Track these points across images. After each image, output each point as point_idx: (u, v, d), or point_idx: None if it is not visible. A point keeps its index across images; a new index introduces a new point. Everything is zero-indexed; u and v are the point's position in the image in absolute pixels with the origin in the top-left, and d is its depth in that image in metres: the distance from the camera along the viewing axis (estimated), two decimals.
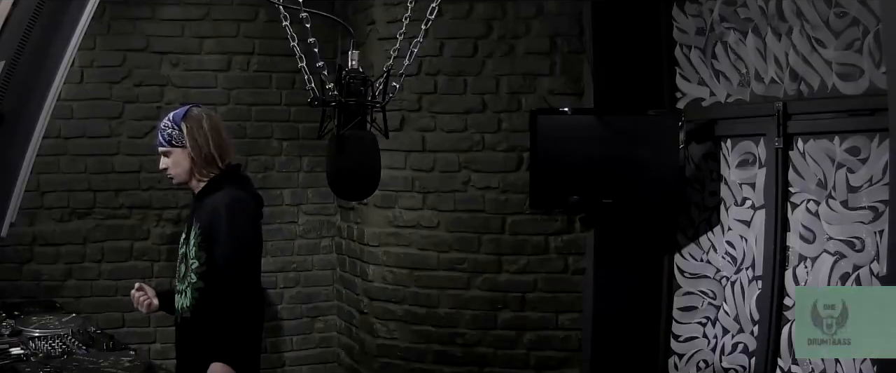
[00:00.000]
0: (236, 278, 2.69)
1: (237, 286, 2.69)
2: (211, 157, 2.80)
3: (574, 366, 4.13)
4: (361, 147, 2.41)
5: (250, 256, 2.76)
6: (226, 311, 2.67)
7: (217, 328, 2.68)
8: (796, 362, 3.32)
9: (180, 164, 2.84)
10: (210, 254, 2.73)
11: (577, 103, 4.08)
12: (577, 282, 4.12)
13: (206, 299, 2.74)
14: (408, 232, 4.29)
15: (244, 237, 2.74)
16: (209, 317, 2.72)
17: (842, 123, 3.15)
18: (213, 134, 2.82)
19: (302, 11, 2.40)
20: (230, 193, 2.77)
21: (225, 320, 2.67)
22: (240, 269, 2.71)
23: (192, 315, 2.77)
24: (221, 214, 2.72)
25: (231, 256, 2.70)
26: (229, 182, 2.82)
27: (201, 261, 2.74)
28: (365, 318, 4.48)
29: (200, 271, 2.74)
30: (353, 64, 2.43)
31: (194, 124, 2.81)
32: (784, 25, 3.38)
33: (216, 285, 2.72)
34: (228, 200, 2.75)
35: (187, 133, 2.80)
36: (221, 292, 2.70)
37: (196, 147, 2.80)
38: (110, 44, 4.42)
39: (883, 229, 2.96)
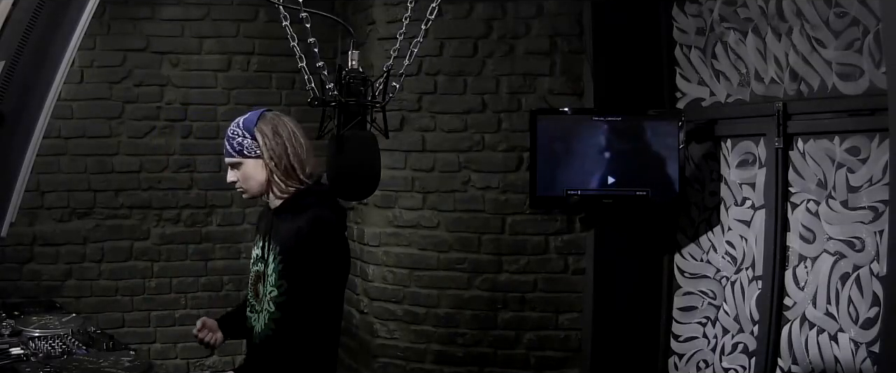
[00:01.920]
0: (319, 311, 2.47)
1: (318, 318, 2.47)
2: (291, 168, 2.51)
3: (574, 366, 4.14)
4: (361, 147, 2.40)
5: (335, 287, 2.52)
6: (303, 342, 2.46)
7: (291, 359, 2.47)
8: (796, 361, 3.32)
9: (253, 176, 2.53)
10: (291, 283, 2.44)
11: (577, 103, 4.08)
12: (577, 282, 4.12)
13: (283, 329, 2.47)
14: (408, 232, 4.29)
15: (331, 268, 2.47)
16: (283, 347, 2.48)
17: (842, 123, 3.14)
18: (292, 141, 2.52)
19: (302, 11, 2.39)
20: (316, 213, 2.46)
21: (300, 353, 2.47)
22: (323, 301, 2.48)
23: (266, 340, 2.52)
24: (308, 240, 2.42)
25: (314, 290, 2.45)
26: (313, 200, 2.52)
27: (281, 290, 2.46)
28: (365, 318, 4.48)
29: (279, 301, 2.46)
30: (353, 64, 2.42)
31: (270, 131, 2.51)
32: (784, 25, 3.37)
33: (295, 315, 2.46)
34: (315, 223, 2.44)
35: (263, 142, 2.50)
36: (300, 323, 2.46)
37: (274, 158, 2.50)
38: (110, 44, 4.42)
39: (883, 229, 2.96)
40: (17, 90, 3.00)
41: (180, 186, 4.57)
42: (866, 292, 3.02)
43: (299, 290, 2.45)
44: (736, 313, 3.67)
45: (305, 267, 2.43)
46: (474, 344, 4.21)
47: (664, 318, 4.04)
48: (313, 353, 2.52)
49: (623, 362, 4.06)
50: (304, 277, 2.44)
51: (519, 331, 4.17)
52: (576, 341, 4.14)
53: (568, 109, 4.00)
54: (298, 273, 2.44)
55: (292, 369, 2.51)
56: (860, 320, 3.05)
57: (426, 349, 4.27)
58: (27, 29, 2.94)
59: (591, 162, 3.85)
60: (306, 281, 2.44)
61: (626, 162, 3.84)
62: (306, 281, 2.44)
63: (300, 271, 2.44)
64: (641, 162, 3.83)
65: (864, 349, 3.03)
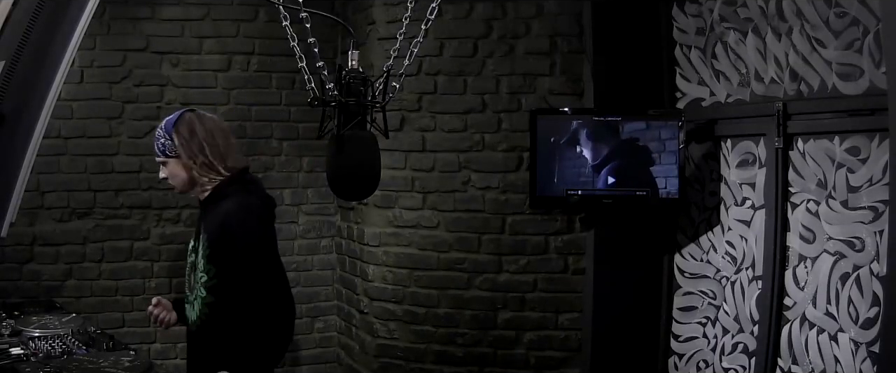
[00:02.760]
0: (247, 291, 2.58)
1: (248, 298, 2.58)
2: (209, 164, 2.67)
3: (574, 366, 4.14)
4: (361, 147, 2.40)
5: (262, 268, 2.63)
6: (238, 325, 2.57)
7: (229, 343, 2.58)
8: (796, 361, 3.32)
9: (177, 174, 2.71)
10: (220, 267, 2.59)
11: (577, 103, 4.08)
12: (577, 282, 4.12)
13: (217, 313, 2.61)
14: (408, 232, 4.29)
15: (254, 249, 2.60)
16: (219, 331, 2.60)
17: (842, 123, 3.15)
18: (208, 139, 2.67)
19: (302, 11, 2.39)
20: (237, 200, 2.63)
21: (237, 335, 2.57)
22: (251, 281, 2.59)
23: (202, 328, 2.65)
24: (229, 224, 2.58)
25: (241, 270, 2.58)
26: (236, 188, 2.67)
27: (210, 274, 2.61)
28: (365, 318, 4.48)
29: (210, 285, 2.61)
30: (353, 64, 2.42)
31: (186, 132, 2.67)
32: (784, 25, 3.37)
33: (227, 298, 2.59)
34: (235, 208, 2.60)
35: (179, 142, 2.67)
36: (233, 305, 2.58)
37: (191, 156, 2.66)
38: (110, 44, 4.42)
39: (883, 229, 2.96)
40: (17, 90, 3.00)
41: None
42: (866, 291, 3.02)
43: (228, 273, 2.58)
44: (736, 313, 3.67)
45: (231, 250, 2.57)
46: (474, 344, 4.21)
47: (664, 318, 4.05)
48: (250, 334, 2.61)
49: (623, 362, 4.07)
50: (231, 260, 2.57)
51: (519, 331, 4.17)
52: (576, 341, 4.14)
53: (568, 109, 4.00)
54: (225, 257, 2.58)
55: (230, 351, 2.60)
56: (860, 320, 3.05)
57: (426, 349, 4.27)
58: (27, 29, 2.94)
59: (591, 162, 3.86)
60: (233, 264, 2.57)
61: (626, 162, 3.84)
62: (233, 264, 2.57)
63: (226, 255, 2.57)
64: (641, 162, 3.83)
65: (864, 349, 3.03)
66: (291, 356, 4.82)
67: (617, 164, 3.84)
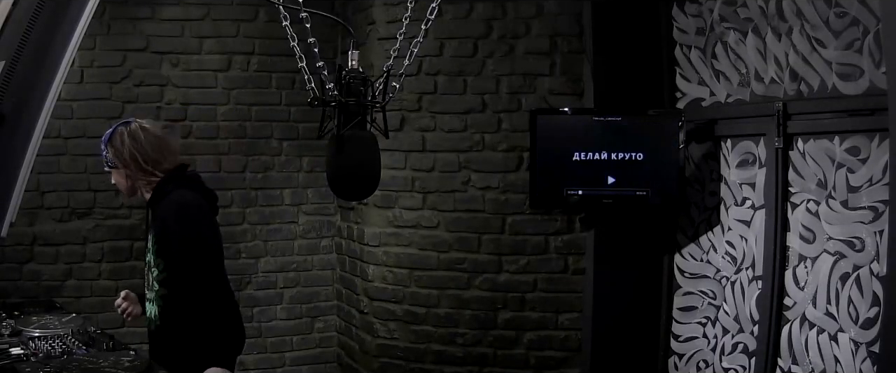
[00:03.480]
0: (195, 280, 2.69)
1: (198, 287, 2.68)
2: (144, 169, 2.82)
3: (574, 366, 4.14)
4: (361, 147, 2.40)
5: (205, 254, 2.74)
6: (192, 315, 2.67)
7: (187, 334, 2.68)
8: (796, 361, 3.32)
9: (120, 182, 2.90)
10: (168, 260, 2.73)
11: (577, 103, 4.08)
12: (577, 282, 4.12)
13: (172, 306, 2.75)
14: (408, 232, 4.29)
15: (195, 237, 2.73)
16: (178, 323, 2.73)
17: (842, 123, 3.15)
18: (137, 148, 2.82)
19: (302, 11, 2.40)
20: (176, 195, 2.77)
21: (193, 325, 2.67)
22: (196, 269, 2.69)
23: (162, 323, 2.79)
24: (168, 217, 2.73)
25: (185, 259, 2.69)
26: (175, 185, 2.82)
27: (160, 268, 2.75)
28: (365, 318, 4.48)
29: (161, 279, 2.76)
30: (353, 64, 2.43)
31: (118, 143, 2.83)
32: (784, 25, 3.38)
33: (179, 290, 2.73)
34: (174, 202, 2.75)
35: (114, 154, 2.84)
36: (185, 295, 2.70)
37: (126, 164, 2.82)
38: (110, 44, 4.42)
39: (883, 229, 2.96)
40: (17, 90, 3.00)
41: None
42: (866, 292, 3.02)
43: (176, 265, 2.71)
44: (736, 313, 3.67)
45: (176, 242, 2.70)
46: (474, 344, 4.21)
47: (664, 318, 4.05)
48: (206, 322, 2.69)
49: (623, 362, 4.07)
50: (178, 251, 2.70)
51: (519, 331, 4.17)
52: (576, 341, 4.14)
53: (568, 109, 4.00)
54: (171, 249, 2.71)
55: (190, 343, 2.69)
56: (860, 320, 3.05)
57: (426, 349, 4.27)
58: (27, 29, 2.94)
59: (591, 162, 3.85)
60: (180, 255, 2.70)
61: (626, 162, 3.84)
62: (180, 255, 2.70)
63: (173, 247, 2.71)
64: (641, 162, 3.83)
65: (864, 349, 3.03)
66: (292, 356, 4.82)
67: (617, 164, 3.84)
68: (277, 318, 4.79)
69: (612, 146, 3.85)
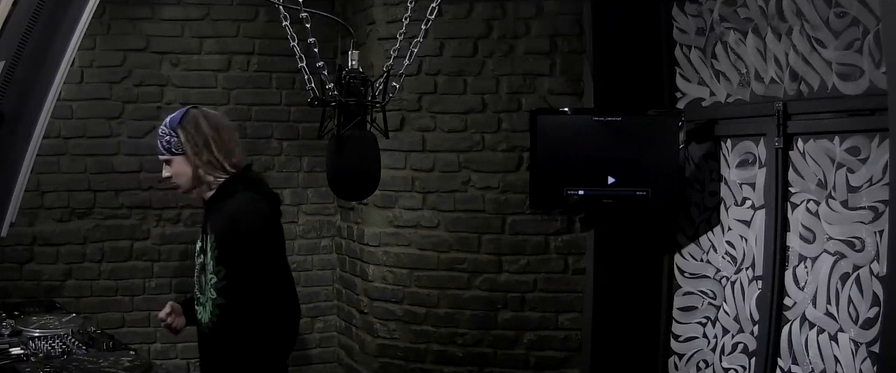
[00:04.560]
0: (258, 292, 2.55)
1: (260, 299, 2.55)
2: (215, 161, 2.63)
3: (574, 366, 4.14)
4: (361, 147, 2.41)
5: (271, 265, 2.61)
6: (249, 325, 2.54)
7: (241, 343, 2.56)
8: (796, 361, 3.32)
9: (183, 172, 2.67)
10: (229, 268, 2.54)
11: (577, 103, 4.08)
12: (577, 282, 4.12)
13: (228, 314, 2.56)
14: (408, 232, 4.29)
15: (263, 247, 2.58)
16: (231, 331, 2.57)
17: (842, 123, 3.14)
18: (214, 136, 2.64)
19: (302, 11, 2.40)
20: (242, 198, 2.60)
21: (249, 335, 2.55)
22: (261, 281, 2.56)
23: (214, 330, 2.61)
24: (237, 224, 2.54)
25: (251, 270, 2.54)
26: (241, 186, 2.64)
27: (220, 276, 2.56)
28: (365, 318, 4.48)
29: (220, 286, 2.56)
30: (353, 64, 2.43)
31: (192, 128, 2.63)
32: (784, 25, 3.37)
33: (237, 299, 2.55)
34: (242, 206, 2.57)
35: (185, 139, 2.62)
36: (243, 305, 2.54)
37: (197, 152, 2.62)
38: (110, 44, 4.42)
39: (883, 229, 2.96)
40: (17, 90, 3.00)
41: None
42: (866, 292, 3.02)
43: (238, 273, 2.54)
44: (736, 313, 3.67)
45: (240, 250, 2.53)
46: (474, 344, 4.21)
47: (664, 318, 4.04)
48: (262, 333, 2.58)
49: (623, 362, 4.06)
50: (240, 259, 2.53)
51: (519, 331, 4.17)
52: (576, 341, 4.14)
53: (568, 108, 4.00)
54: (234, 257, 2.54)
55: (243, 352, 2.57)
56: (860, 320, 3.05)
57: (426, 349, 4.27)
58: (27, 29, 2.94)
59: (591, 162, 3.85)
60: (243, 263, 2.53)
61: (626, 162, 3.84)
62: (243, 263, 2.53)
63: (236, 255, 2.53)
64: (641, 162, 3.83)
65: (864, 349, 3.03)
66: (292, 356, 4.79)
67: (617, 164, 3.84)
68: None
69: (612, 146, 3.85)
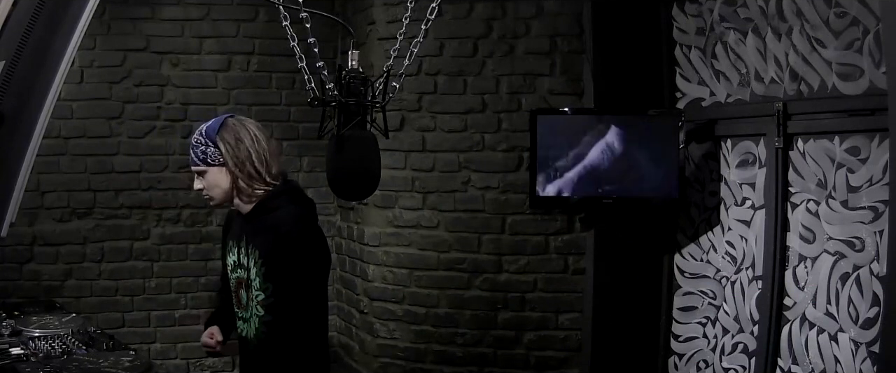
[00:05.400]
0: (308, 308, 2.48)
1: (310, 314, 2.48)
2: (255, 172, 2.46)
3: (574, 366, 4.14)
4: (361, 147, 2.40)
5: (320, 283, 2.53)
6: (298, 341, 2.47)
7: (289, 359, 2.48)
8: (796, 361, 3.32)
9: (219, 184, 2.48)
10: (277, 284, 2.44)
11: (577, 103, 4.08)
12: (577, 282, 4.12)
13: (276, 331, 2.47)
14: (408, 232, 4.29)
15: (316, 264, 2.48)
16: (279, 347, 2.49)
17: (842, 123, 3.15)
18: (255, 146, 2.47)
19: (302, 11, 2.39)
20: (290, 212, 2.48)
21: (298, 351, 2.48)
22: (311, 297, 2.49)
23: (261, 346, 2.52)
24: (286, 239, 2.42)
25: (302, 286, 2.45)
26: (284, 199, 2.51)
27: (267, 293, 2.45)
28: (365, 318, 4.48)
29: (267, 303, 2.46)
30: (353, 64, 2.42)
31: (232, 138, 2.46)
32: (784, 25, 3.37)
33: (286, 315, 2.46)
34: (291, 223, 2.45)
35: (225, 150, 2.44)
36: (292, 321, 2.46)
37: (237, 164, 2.45)
38: (110, 44, 4.42)
39: (883, 229, 2.96)
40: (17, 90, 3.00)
41: (180, 186, 4.56)
42: (866, 292, 3.02)
43: (285, 290, 2.44)
44: (736, 313, 3.67)
45: (288, 266, 2.42)
46: (474, 344, 4.21)
47: (664, 318, 4.04)
48: (310, 349, 2.52)
49: (623, 362, 4.06)
50: (288, 276, 2.43)
51: (519, 331, 4.17)
52: (576, 341, 4.14)
53: (568, 108, 4.00)
54: (282, 273, 2.43)
55: (292, 366, 2.50)
56: (860, 320, 3.05)
57: (426, 349, 4.27)
58: (27, 29, 2.94)
59: (591, 162, 3.85)
60: (291, 280, 2.44)
61: (626, 162, 3.84)
62: (291, 280, 2.44)
63: (283, 271, 2.43)
64: (641, 162, 3.83)
65: (864, 349, 3.03)
66: None
67: (617, 164, 3.84)
68: None
69: (612, 146, 3.85)
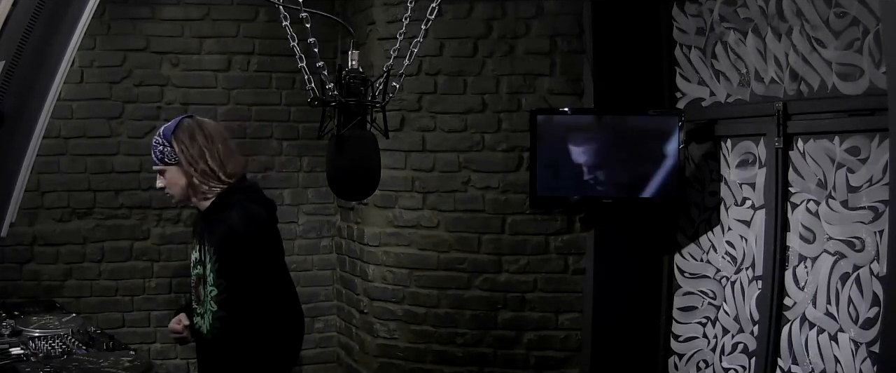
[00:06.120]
0: (260, 303, 2.54)
1: (262, 310, 2.54)
2: (209, 171, 2.60)
3: (574, 366, 4.14)
4: (361, 147, 2.40)
5: (273, 275, 2.60)
6: (251, 336, 2.54)
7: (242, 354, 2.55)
8: (796, 361, 3.32)
9: (177, 182, 2.64)
10: (230, 280, 2.54)
11: (577, 103, 4.08)
12: (577, 282, 4.12)
13: (230, 327, 2.56)
14: (408, 232, 4.29)
15: (264, 258, 2.57)
16: (232, 343, 2.57)
17: (842, 123, 3.15)
18: (208, 146, 2.62)
19: (302, 11, 2.40)
20: (242, 209, 2.57)
21: (250, 346, 2.54)
22: (263, 293, 2.55)
23: (215, 342, 2.61)
24: (237, 235, 2.52)
25: (253, 282, 2.54)
26: (238, 197, 2.61)
27: (221, 288, 2.56)
28: (365, 318, 4.48)
29: (221, 299, 2.56)
30: (353, 64, 2.43)
31: (186, 138, 2.60)
32: (784, 25, 3.38)
33: (239, 311, 2.55)
34: (241, 218, 2.54)
35: (179, 149, 2.60)
36: (245, 317, 2.54)
37: (191, 163, 2.59)
38: (110, 44, 4.42)
39: (883, 229, 2.96)
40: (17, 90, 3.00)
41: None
42: (866, 292, 3.02)
43: (239, 285, 2.53)
44: (736, 313, 3.67)
45: (241, 262, 2.52)
46: (474, 344, 4.21)
47: (664, 318, 4.05)
48: (264, 343, 2.57)
49: (623, 362, 4.06)
50: (241, 271, 2.53)
51: (519, 331, 4.17)
52: (576, 341, 4.14)
53: (568, 108, 4.00)
54: (235, 269, 2.53)
55: (245, 363, 2.57)
56: (860, 320, 3.05)
57: (426, 349, 4.27)
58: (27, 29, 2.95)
59: (591, 162, 3.86)
60: (244, 275, 2.53)
61: (626, 162, 3.84)
62: (244, 275, 2.53)
63: (237, 267, 2.53)
64: (641, 162, 3.83)
65: (864, 349, 3.03)
66: None
67: (617, 164, 3.84)
68: None
69: (612, 146, 3.85)
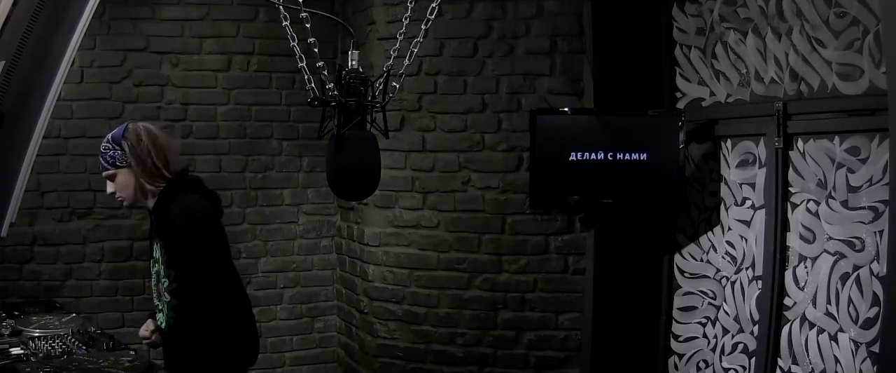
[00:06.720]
0: (207, 288, 2.65)
1: (210, 295, 2.65)
2: (155, 169, 2.76)
3: (574, 366, 4.14)
4: (361, 147, 2.41)
5: (216, 261, 2.71)
6: (204, 323, 2.65)
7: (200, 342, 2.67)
8: (796, 361, 3.32)
9: (127, 184, 2.80)
10: (179, 269, 2.69)
11: (577, 103, 4.08)
12: (577, 282, 4.12)
13: (184, 316, 2.71)
14: (408, 232, 4.29)
15: (206, 245, 2.69)
16: (191, 331, 2.70)
17: (842, 123, 3.15)
18: (153, 145, 2.77)
19: (302, 11, 2.40)
20: (182, 200, 2.72)
21: (207, 334, 2.65)
22: (208, 277, 2.66)
23: (172, 332, 2.75)
24: (178, 225, 2.67)
25: (197, 267, 2.65)
26: (180, 189, 2.76)
27: (171, 278, 2.71)
28: (365, 318, 4.48)
29: (172, 289, 2.71)
30: (353, 64, 2.43)
31: (134, 138, 2.77)
32: (784, 25, 3.38)
33: (190, 299, 2.69)
34: (182, 208, 2.69)
35: (130, 150, 2.76)
36: (196, 304, 2.67)
37: (139, 162, 2.75)
38: (110, 44, 4.42)
39: (883, 229, 2.96)
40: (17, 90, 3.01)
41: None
42: (866, 292, 3.02)
43: (187, 273, 2.67)
44: (736, 313, 3.67)
45: (185, 250, 2.65)
46: (474, 344, 4.21)
47: (664, 318, 4.05)
48: (217, 332, 2.67)
49: (623, 362, 4.07)
50: (187, 259, 2.65)
51: (519, 331, 4.17)
52: (576, 341, 4.14)
53: (568, 108, 4.00)
54: (181, 257, 2.67)
55: (202, 352, 2.67)
56: (860, 320, 3.05)
57: (426, 349, 4.27)
58: (27, 29, 2.95)
59: (591, 162, 3.85)
60: (190, 263, 2.65)
61: (626, 162, 3.84)
62: (190, 263, 2.65)
63: (182, 255, 2.66)
64: (641, 162, 3.83)
65: (864, 349, 3.03)
66: (292, 356, 4.82)
67: (617, 164, 3.84)
68: (277, 318, 4.79)
69: (612, 146, 3.85)
